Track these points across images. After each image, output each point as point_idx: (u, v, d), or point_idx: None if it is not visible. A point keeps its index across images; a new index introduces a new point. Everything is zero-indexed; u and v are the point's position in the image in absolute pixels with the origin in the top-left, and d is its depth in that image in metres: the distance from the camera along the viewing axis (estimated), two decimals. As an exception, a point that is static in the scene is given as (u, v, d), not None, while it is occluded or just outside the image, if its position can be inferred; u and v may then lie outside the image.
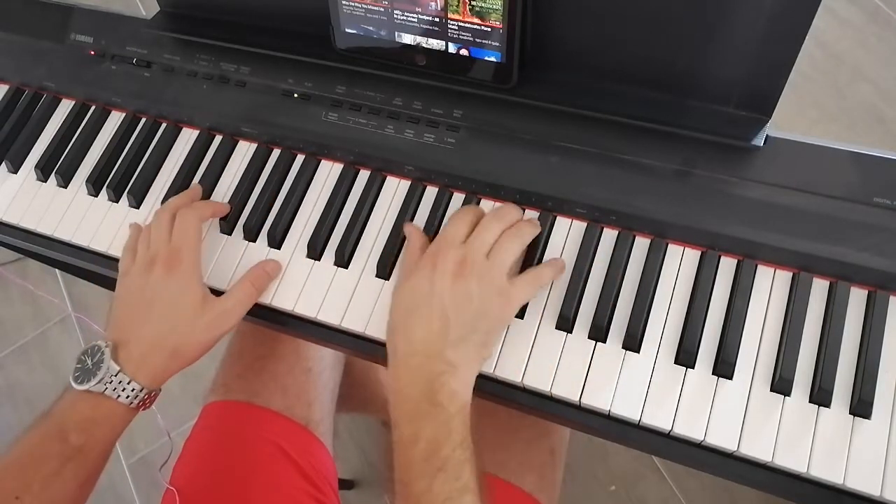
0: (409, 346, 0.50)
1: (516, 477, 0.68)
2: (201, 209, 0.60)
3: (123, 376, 0.52)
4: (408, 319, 0.51)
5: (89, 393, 0.52)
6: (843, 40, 1.54)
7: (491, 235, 0.53)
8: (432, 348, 0.49)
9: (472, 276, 0.50)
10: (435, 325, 0.49)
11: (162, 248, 0.56)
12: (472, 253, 0.51)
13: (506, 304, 0.51)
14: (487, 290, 0.50)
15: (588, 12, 0.53)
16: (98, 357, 0.53)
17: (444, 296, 0.50)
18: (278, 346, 0.78)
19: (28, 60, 0.73)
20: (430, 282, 0.51)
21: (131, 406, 0.53)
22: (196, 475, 0.70)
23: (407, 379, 0.49)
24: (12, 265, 1.52)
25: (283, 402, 0.74)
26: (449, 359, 0.49)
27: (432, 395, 0.48)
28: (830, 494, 0.47)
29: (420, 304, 0.51)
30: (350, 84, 0.63)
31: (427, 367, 0.49)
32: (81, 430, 0.52)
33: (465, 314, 0.50)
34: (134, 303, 0.56)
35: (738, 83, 0.53)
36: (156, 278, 0.55)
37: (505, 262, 0.52)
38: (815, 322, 0.51)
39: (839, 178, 0.52)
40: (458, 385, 0.49)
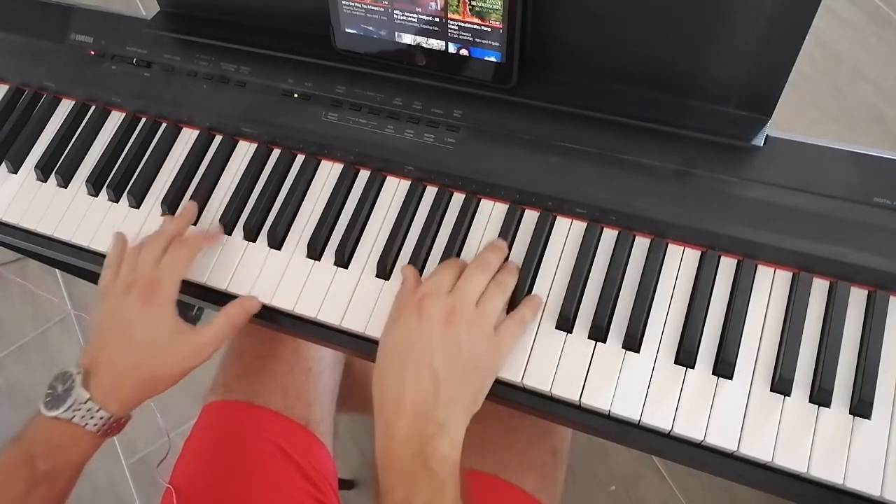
0: (399, 406, 0.48)
1: (517, 477, 0.68)
2: (196, 244, 0.60)
3: (92, 404, 0.53)
4: (397, 374, 0.49)
5: (57, 420, 0.52)
6: (843, 40, 1.54)
7: (478, 284, 0.52)
8: (423, 409, 0.48)
9: (461, 324, 0.49)
10: (425, 384, 0.48)
11: (144, 275, 0.56)
12: (460, 301, 0.50)
13: (495, 354, 0.51)
14: (477, 339, 0.50)
15: (588, 12, 0.53)
16: (69, 384, 0.53)
17: (433, 347, 0.49)
18: (278, 345, 0.78)
19: (28, 60, 0.73)
20: (419, 331, 0.49)
21: (99, 434, 0.54)
22: (196, 475, 0.70)
23: (398, 441, 0.48)
24: (12, 265, 1.52)
25: (284, 401, 0.73)
26: (440, 420, 0.48)
27: (425, 459, 0.47)
28: (830, 494, 0.47)
29: (409, 357, 0.49)
30: (350, 84, 0.63)
31: (418, 429, 0.47)
32: (48, 456, 0.52)
33: (456, 368, 0.49)
34: (110, 328, 0.56)
35: (738, 83, 0.53)
36: (131, 305, 0.55)
37: (494, 311, 0.51)
38: (815, 322, 0.51)
39: (839, 178, 0.52)
40: (450, 448, 0.48)
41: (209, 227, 0.63)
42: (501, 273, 0.54)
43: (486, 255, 0.54)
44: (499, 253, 0.55)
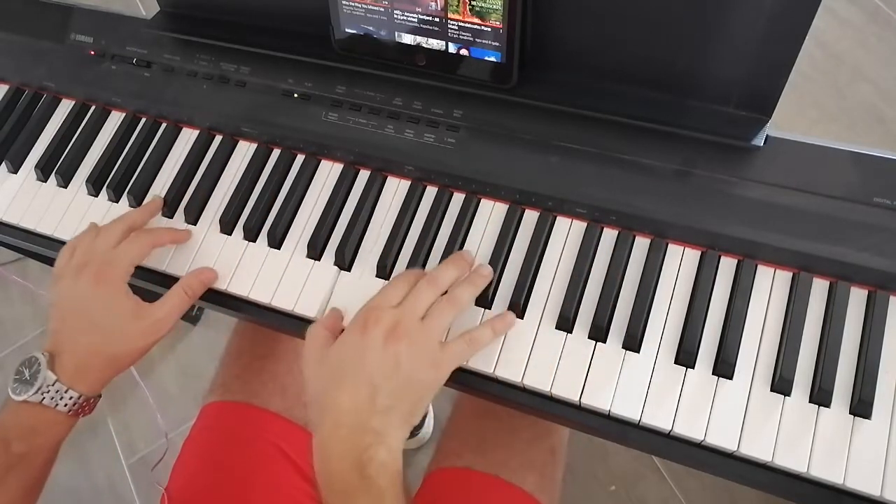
0: (335, 416, 0.48)
1: (517, 477, 0.68)
2: (159, 236, 0.60)
3: (60, 385, 0.53)
4: (334, 386, 0.49)
5: (28, 403, 0.53)
6: (843, 40, 1.54)
7: (426, 299, 0.51)
8: (359, 418, 0.47)
9: (403, 340, 0.49)
10: (362, 394, 0.47)
11: (95, 258, 0.56)
12: (404, 316, 0.50)
13: (435, 372, 0.50)
14: (418, 356, 0.49)
15: (588, 12, 0.53)
16: (35, 368, 0.54)
17: (373, 360, 0.48)
18: (277, 346, 0.78)
19: (28, 60, 0.73)
20: (361, 345, 0.49)
21: (70, 414, 0.54)
22: (195, 476, 0.70)
23: (335, 453, 0.47)
24: (12, 265, 1.52)
25: (282, 402, 0.73)
26: (376, 429, 0.47)
27: (362, 468, 0.46)
28: (830, 494, 0.47)
29: (348, 370, 0.49)
30: (350, 84, 0.63)
31: (355, 440, 0.47)
32: (22, 439, 0.53)
33: (393, 382, 0.48)
34: (67, 312, 0.56)
35: (738, 83, 0.53)
36: (84, 287, 0.55)
37: (438, 328, 0.51)
38: (815, 322, 0.51)
39: (839, 178, 0.52)
40: (387, 455, 0.47)
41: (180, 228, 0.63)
42: (457, 286, 0.53)
43: (442, 268, 0.54)
44: (458, 266, 0.54)
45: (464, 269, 0.55)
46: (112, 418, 1.36)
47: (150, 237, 0.59)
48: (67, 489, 1.29)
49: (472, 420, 0.75)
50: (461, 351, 0.51)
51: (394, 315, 0.50)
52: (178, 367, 1.36)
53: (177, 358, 1.37)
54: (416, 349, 0.49)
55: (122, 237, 0.58)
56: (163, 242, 0.61)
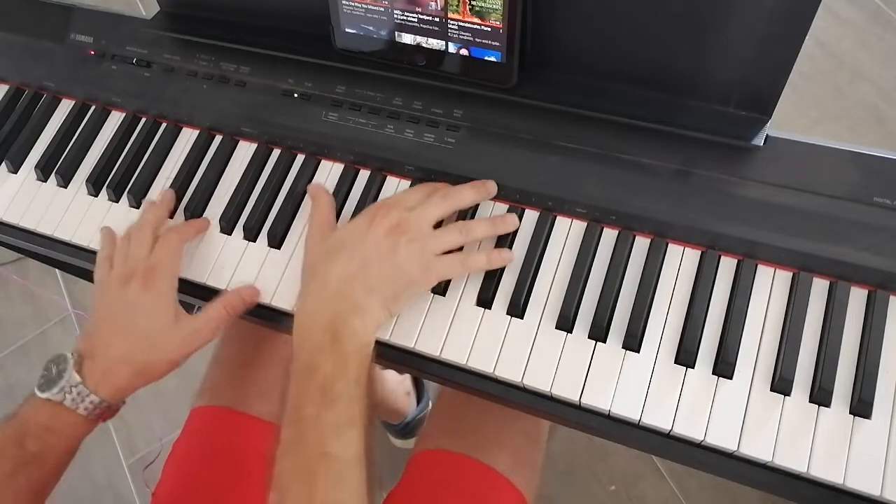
0: (323, 280, 0.51)
1: (489, 457, 0.68)
2: (184, 232, 0.60)
3: (83, 388, 0.53)
4: (330, 257, 0.52)
5: (49, 401, 0.53)
6: (843, 40, 1.54)
7: (438, 211, 0.54)
8: (345, 287, 0.50)
9: (404, 236, 0.52)
10: (353, 267, 0.51)
11: (140, 265, 0.57)
12: (413, 219, 0.53)
13: (424, 274, 0.52)
14: (413, 253, 0.52)
15: (588, 12, 0.53)
16: (62, 366, 0.53)
17: (371, 243, 0.51)
18: (261, 351, 0.78)
19: (28, 60, 0.73)
20: (365, 231, 0.52)
21: (89, 418, 0.54)
22: (178, 481, 0.70)
23: (314, 311, 0.50)
24: (12, 265, 1.52)
25: (265, 406, 0.74)
26: (357, 300, 0.50)
27: (335, 330, 0.49)
28: (830, 494, 0.47)
29: (347, 246, 0.52)
30: (350, 84, 0.63)
31: (334, 304, 0.50)
32: (38, 438, 0.53)
33: (384, 265, 0.51)
34: (108, 316, 0.56)
35: (738, 83, 0.53)
36: (132, 294, 0.56)
37: (440, 242, 0.53)
38: (815, 322, 0.51)
39: (839, 177, 0.52)
40: (361, 325, 0.50)
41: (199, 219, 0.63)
42: (475, 221, 0.55)
43: (463, 189, 0.56)
44: (478, 191, 0.56)
45: (483, 197, 0.57)
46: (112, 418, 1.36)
47: (178, 235, 0.60)
48: (67, 489, 1.29)
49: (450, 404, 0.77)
50: (453, 266, 0.53)
51: (402, 215, 0.53)
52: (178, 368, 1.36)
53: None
54: (413, 247, 0.52)
55: (153, 239, 0.59)
56: (189, 237, 0.61)
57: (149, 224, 0.60)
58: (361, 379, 0.49)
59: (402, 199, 0.54)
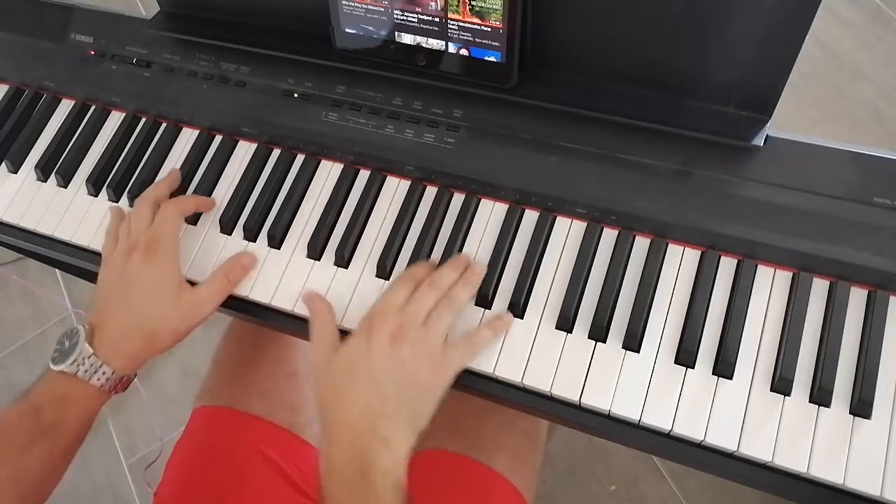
0: (342, 420, 0.49)
1: (487, 457, 0.68)
2: (183, 203, 0.61)
3: (96, 360, 0.54)
4: (343, 390, 0.50)
5: (63, 374, 0.53)
6: (844, 40, 1.54)
7: (427, 302, 0.52)
8: (366, 424, 0.48)
9: (406, 342, 0.50)
10: (371, 400, 0.49)
11: (142, 237, 0.57)
12: (407, 319, 0.51)
13: (438, 372, 0.51)
14: (420, 357, 0.50)
15: (588, 12, 0.53)
16: (74, 339, 0.54)
17: (378, 364, 0.49)
18: (260, 352, 0.78)
19: (28, 60, 0.73)
20: (367, 350, 0.50)
21: (103, 389, 0.54)
22: (180, 481, 0.70)
23: (340, 457, 0.48)
24: (12, 265, 1.51)
25: (265, 406, 0.74)
26: (383, 434, 0.48)
27: (365, 474, 0.47)
28: (830, 494, 0.47)
29: (355, 374, 0.50)
30: (350, 84, 0.63)
31: (360, 445, 0.48)
32: (53, 409, 0.53)
33: (397, 383, 0.49)
34: (113, 288, 0.57)
35: (738, 83, 0.53)
36: (134, 265, 0.56)
37: (439, 331, 0.51)
38: (815, 322, 0.51)
39: (839, 178, 0.52)
40: (392, 462, 0.48)
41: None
42: (455, 288, 0.54)
43: (442, 271, 0.54)
44: (457, 268, 0.55)
45: (461, 270, 0.55)
46: (112, 418, 1.36)
47: (177, 207, 0.60)
48: (67, 489, 1.29)
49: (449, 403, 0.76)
50: (462, 352, 0.52)
51: (397, 318, 0.51)
52: (179, 368, 1.36)
53: (177, 358, 1.37)
54: (418, 350, 0.50)
55: (153, 212, 0.59)
56: (189, 209, 0.61)
57: (149, 199, 0.60)
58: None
59: (390, 300, 0.52)
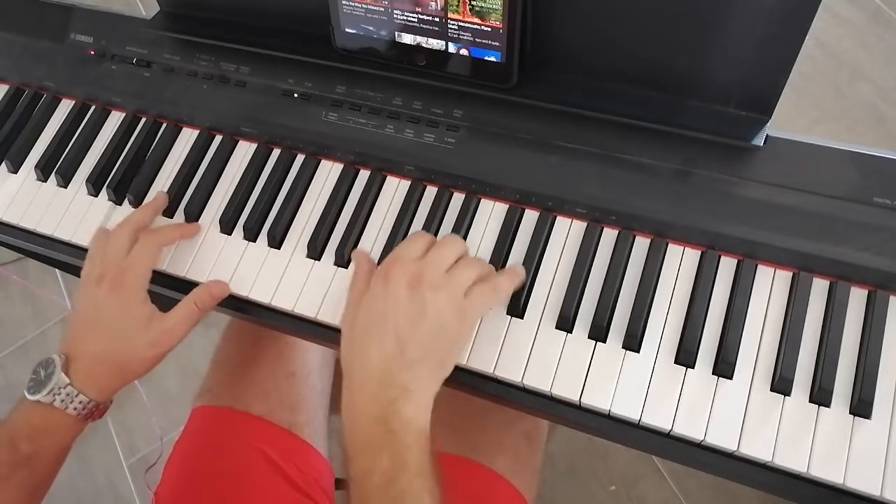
0: (363, 371, 0.48)
1: (488, 459, 0.68)
2: (164, 235, 0.60)
3: (72, 389, 0.54)
4: (362, 341, 0.49)
5: (40, 404, 0.53)
6: (844, 40, 1.54)
7: (449, 254, 0.51)
8: (387, 373, 0.47)
9: (427, 287, 0.49)
10: (389, 347, 0.48)
11: (112, 267, 0.57)
12: (428, 266, 0.50)
13: (462, 320, 0.50)
14: (442, 303, 0.49)
15: (588, 12, 0.53)
16: (50, 369, 0.54)
17: (398, 310, 0.48)
18: (260, 351, 0.78)
19: (28, 60, 0.73)
20: (384, 296, 0.49)
21: (79, 417, 0.55)
22: (180, 481, 0.70)
23: (360, 407, 0.47)
24: (12, 265, 1.52)
25: (265, 406, 0.74)
26: (403, 383, 0.47)
27: (386, 422, 0.46)
28: (830, 494, 0.47)
29: (375, 323, 0.49)
30: (350, 84, 0.63)
31: (381, 394, 0.47)
32: (31, 439, 0.53)
33: (420, 331, 0.48)
34: (83, 318, 0.57)
35: (738, 83, 0.53)
36: (102, 296, 0.56)
37: (462, 279, 0.50)
38: (815, 322, 0.51)
39: (839, 177, 0.52)
40: (413, 411, 0.47)
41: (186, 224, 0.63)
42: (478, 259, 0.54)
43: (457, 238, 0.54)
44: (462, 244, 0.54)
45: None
46: (112, 418, 1.36)
47: (157, 238, 0.59)
48: (67, 489, 1.29)
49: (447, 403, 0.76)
50: (485, 297, 0.51)
51: (417, 265, 0.50)
52: (179, 368, 1.36)
53: (177, 358, 1.37)
54: (440, 296, 0.49)
55: (132, 240, 0.58)
56: (171, 240, 0.61)
57: (129, 225, 0.59)
58: (425, 469, 0.46)
59: (405, 251, 0.51)
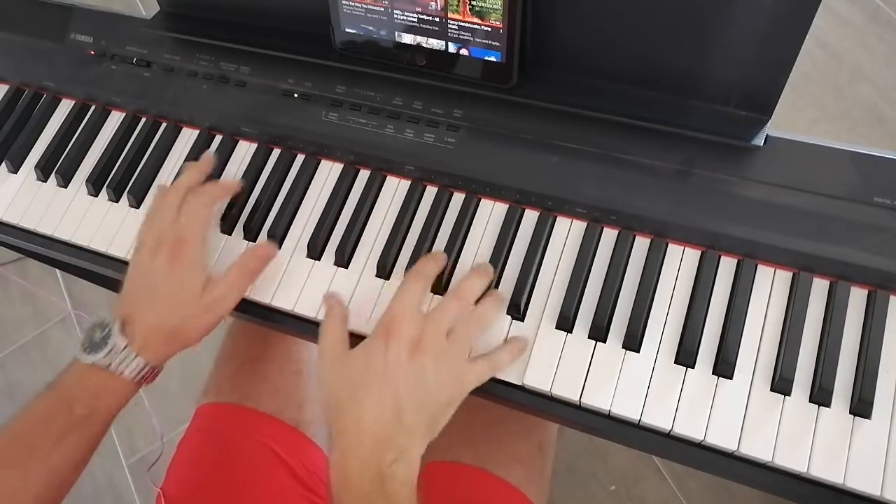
0: (358, 429, 0.48)
1: (503, 470, 0.68)
2: (212, 192, 0.60)
3: (129, 352, 0.53)
4: (358, 397, 0.48)
5: (95, 366, 0.53)
6: (844, 40, 1.54)
7: (452, 312, 0.51)
8: (383, 435, 0.47)
9: (429, 355, 0.48)
10: (388, 410, 0.47)
11: (168, 234, 0.57)
12: (430, 330, 0.49)
13: (458, 390, 0.50)
14: (444, 373, 0.49)
15: (588, 12, 0.53)
16: (106, 332, 0.54)
17: (398, 375, 0.48)
18: (269, 348, 0.78)
19: (28, 60, 0.73)
20: (385, 356, 0.48)
21: (134, 381, 0.54)
22: (187, 478, 0.70)
23: (355, 466, 0.47)
24: (12, 265, 1.52)
25: (273, 403, 0.74)
26: (399, 446, 0.47)
27: (382, 484, 0.46)
28: (830, 494, 0.47)
29: (372, 380, 0.48)
30: (350, 84, 0.63)
31: (377, 455, 0.47)
32: (86, 402, 0.53)
33: (417, 397, 0.48)
34: (140, 284, 0.57)
35: (738, 83, 0.53)
36: (160, 263, 0.56)
37: (465, 346, 0.50)
38: (815, 322, 0.51)
39: (839, 177, 0.52)
40: (407, 471, 0.47)
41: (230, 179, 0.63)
42: (484, 305, 0.52)
43: (469, 282, 0.53)
44: (484, 279, 0.53)
45: (488, 282, 0.54)
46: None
47: (202, 200, 0.59)
48: (67, 489, 1.29)
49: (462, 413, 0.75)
50: (484, 372, 0.51)
51: (419, 326, 0.49)
52: (179, 367, 1.36)
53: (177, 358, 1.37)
54: (441, 365, 0.49)
55: (180, 205, 0.58)
56: (219, 196, 0.60)
57: (176, 190, 0.59)
58: None
59: (405, 301, 0.50)
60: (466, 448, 0.70)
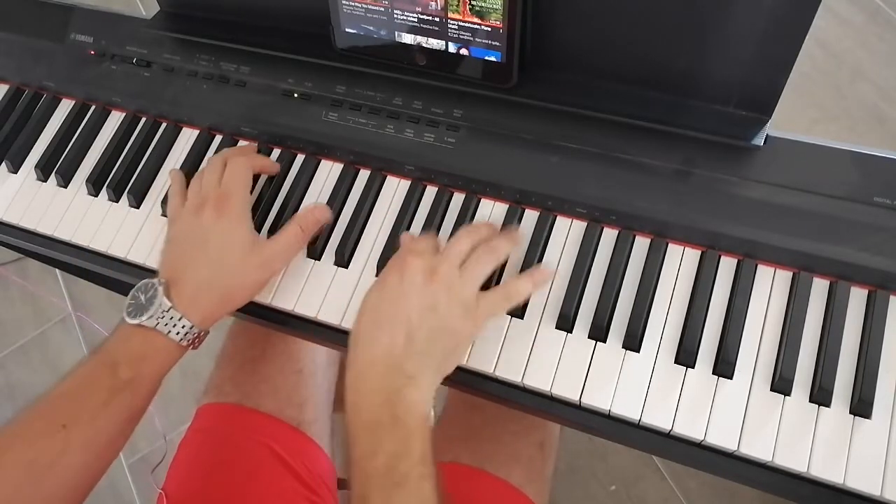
0: (370, 356, 0.49)
1: (503, 470, 0.68)
2: (253, 158, 0.61)
3: (175, 312, 0.53)
4: (373, 328, 0.50)
5: (141, 328, 0.52)
6: (844, 40, 1.54)
7: (464, 247, 0.52)
8: (393, 360, 0.48)
9: (441, 286, 0.49)
10: (399, 337, 0.48)
11: (212, 192, 0.57)
12: (443, 262, 0.50)
13: (471, 322, 0.50)
14: (454, 304, 0.49)
15: (588, 12, 0.53)
16: (151, 293, 0.53)
17: (410, 303, 0.49)
18: (269, 348, 0.78)
19: (28, 60, 0.73)
20: (399, 288, 0.50)
21: (181, 343, 0.54)
22: (188, 478, 0.70)
23: (366, 391, 0.48)
24: (12, 265, 1.52)
25: (274, 403, 0.73)
26: (409, 372, 0.48)
27: (391, 408, 0.47)
28: (830, 494, 0.47)
29: (385, 312, 0.50)
30: (350, 84, 0.63)
31: (387, 380, 0.48)
32: (131, 365, 0.52)
33: (428, 325, 0.49)
34: (185, 244, 0.56)
35: (738, 83, 0.53)
36: (206, 220, 0.56)
37: (477, 277, 0.51)
38: (815, 322, 0.51)
39: (839, 177, 0.52)
40: (418, 399, 0.47)
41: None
42: (497, 239, 0.54)
43: (479, 225, 0.55)
44: (489, 226, 0.55)
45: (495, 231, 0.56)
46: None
47: (247, 160, 0.59)
48: (67, 489, 1.29)
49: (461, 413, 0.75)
50: (497, 303, 0.51)
51: (432, 259, 0.51)
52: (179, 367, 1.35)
53: (177, 358, 1.37)
54: (453, 295, 0.49)
55: (223, 169, 0.58)
56: (257, 166, 0.61)
57: (221, 157, 0.60)
58: (427, 455, 0.46)
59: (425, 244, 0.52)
60: (466, 448, 0.70)
